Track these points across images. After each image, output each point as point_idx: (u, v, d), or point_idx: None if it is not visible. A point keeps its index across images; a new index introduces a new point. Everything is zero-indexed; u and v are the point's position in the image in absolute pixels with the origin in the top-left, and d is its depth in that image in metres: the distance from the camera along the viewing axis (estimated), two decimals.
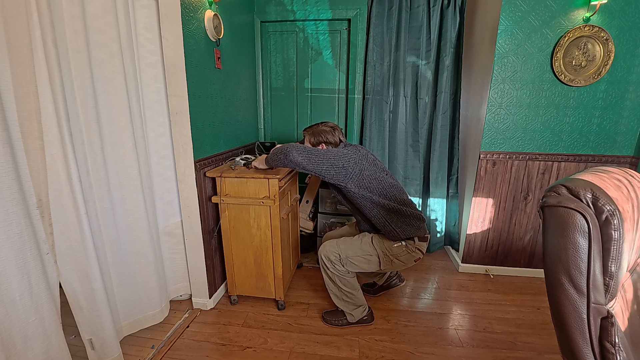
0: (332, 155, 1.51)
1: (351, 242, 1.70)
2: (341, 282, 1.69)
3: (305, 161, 1.46)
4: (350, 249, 1.67)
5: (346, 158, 1.52)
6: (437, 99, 2.39)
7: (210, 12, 1.73)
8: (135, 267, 1.59)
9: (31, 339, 1.11)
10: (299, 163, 1.47)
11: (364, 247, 1.66)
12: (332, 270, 1.67)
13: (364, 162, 1.56)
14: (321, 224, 2.42)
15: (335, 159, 1.50)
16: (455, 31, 2.28)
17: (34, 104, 1.09)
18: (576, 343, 0.63)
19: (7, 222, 1.01)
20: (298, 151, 1.47)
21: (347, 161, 1.51)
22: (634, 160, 2.08)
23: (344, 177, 1.51)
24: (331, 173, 1.50)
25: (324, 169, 1.48)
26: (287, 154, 1.47)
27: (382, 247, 1.63)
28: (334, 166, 1.49)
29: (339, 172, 1.50)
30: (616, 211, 0.59)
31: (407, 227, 1.58)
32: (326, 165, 1.48)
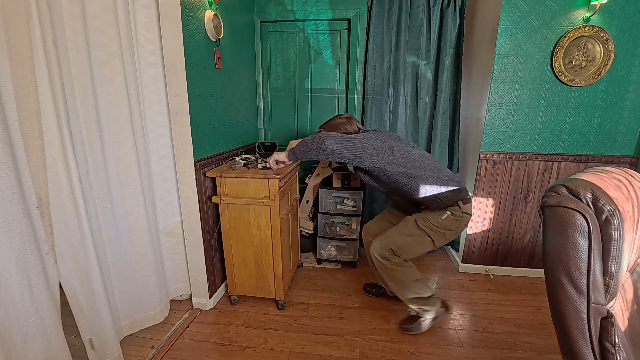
0: (360, 139, 1.49)
1: (397, 231, 1.68)
2: (404, 275, 1.67)
3: (340, 148, 1.43)
4: (399, 238, 1.65)
5: (373, 139, 1.51)
6: (437, 99, 2.38)
7: (210, 12, 1.73)
8: (135, 267, 1.59)
9: (31, 339, 1.11)
10: (334, 151, 1.43)
11: (411, 232, 1.64)
12: (391, 266, 1.65)
13: (389, 140, 1.55)
14: (321, 224, 2.42)
15: (365, 142, 1.48)
16: (455, 31, 2.28)
17: (34, 104, 1.09)
18: (576, 343, 0.63)
19: (7, 222, 1.01)
20: (332, 139, 1.44)
21: (375, 141, 1.50)
22: (634, 160, 2.08)
23: (377, 158, 1.49)
24: (364, 156, 1.47)
25: (358, 153, 1.46)
26: (320, 143, 1.44)
27: (428, 225, 1.61)
28: (366, 148, 1.47)
29: (371, 153, 1.48)
30: (616, 211, 0.59)
31: (449, 193, 1.56)
32: (359, 149, 1.46)
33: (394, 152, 1.52)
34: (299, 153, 1.53)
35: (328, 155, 1.45)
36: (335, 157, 1.46)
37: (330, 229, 2.43)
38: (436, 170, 1.58)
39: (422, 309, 1.70)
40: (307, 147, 1.48)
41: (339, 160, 1.50)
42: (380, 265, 1.69)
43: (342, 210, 2.40)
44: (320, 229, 2.43)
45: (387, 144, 1.52)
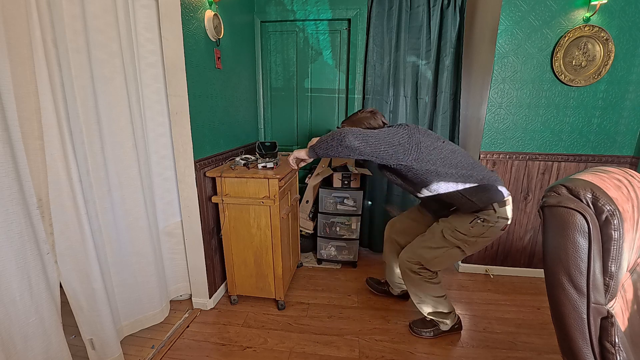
0: (384, 134, 1.37)
1: (423, 243, 1.60)
2: (429, 290, 1.63)
3: (362, 145, 1.32)
4: (426, 252, 1.58)
5: (399, 134, 1.38)
6: (437, 99, 2.38)
7: (210, 12, 1.73)
8: (135, 267, 1.59)
9: (31, 339, 1.11)
10: (356, 148, 1.32)
11: (438, 244, 1.55)
12: (419, 280, 1.61)
13: (417, 134, 1.41)
14: (321, 224, 2.42)
15: (389, 137, 1.36)
16: (455, 31, 2.28)
17: (34, 104, 1.09)
18: (576, 343, 0.63)
19: (7, 222, 1.01)
20: (354, 135, 1.32)
21: (401, 137, 1.37)
22: (634, 160, 2.08)
23: (403, 155, 1.36)
24: (389, 153, 1.35)
25: (382, 150, 1.34)
26: (341, 140, 1.32)
27: (457, 235, 1.50)
28: (391, 145, 1.35)
29: (397, 150, 1.35)
30: (616, 211, 0.59)
31: (483, 194, 1.42)
32: (384, 146, 1.34)
33: (421, 149, 1.38)
34: (319, 150, 1.43)
35: (349, 152, 1.33)
36: (358, 155, 1.34)
37: (330, 229, 2.43)
38: (469, 168, 1.43)
39: (442, 321, 1.69)
40: (327, 144, 1.38)
41: (362, 158, 1.40)
42: (407, 277, 1.65)
43: (342, 210, 2.40)
44: (320, 229, 2.43)
45: (415, 139, 1.38)
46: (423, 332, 1.71)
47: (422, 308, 1.70)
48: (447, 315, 1.68)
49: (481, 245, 1.53)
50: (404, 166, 1.41)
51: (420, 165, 1.39)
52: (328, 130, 2.67)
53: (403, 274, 1.67)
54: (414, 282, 1.64)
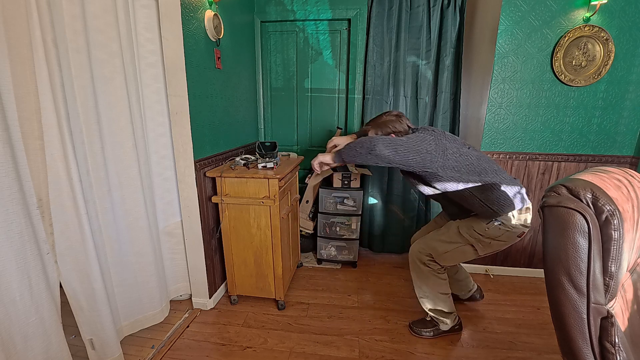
0: (413, 142, 1.35)
1: (437, 237, 1.60)
2: (435, 284, 1.62)
3: (392, 154, 1.31)
4: (439, 245, 1.57)
5: (426, 141, 1.36)
6: (437, 99, 2.38)
7: (210, 12, 1.73)
8: (135, 267, 1.59)
9: (31, 339, 1.11)
10: (386, 157, 1.31)
11: (452, 239, 1.55)
12: (426, 272, 1.60)
13: (443, 140, 1.39)
14: (321, 224, 2.42)
15: (417, 145, 1.34)
16: (455, 31, 2.28)
17: (34, 103, 1.09)
18: (576, 343, 0.63)
19: (7, 222, 1.01)
20: (384, 143, 1.32)
21: (428, 144, 1.36)
22: (634, 160, 2.08)
23: (430, 162, 1.35)
24: (417, 160, 1.34)
25: (410, 158, 1.33)
26: (371, 148, 1.32)
27: (472, 234, 1.49)
28: (419, 152, 1.33)
29: (425, 157, 1.34)
30: (616, 211, 0.59)
31: (504, 202, 1.40)
32: (412, 154, 1.33)
33: (447, 155, 1.37)
34: (346, 157, 1.43)
35: (378, 161, 1.33)
36: (386, 163, 1.35)
37: (330, 229, 2.43)
38: (493, 175, 1.42)
39: (442, 320, 1.68)
40: (355, 152, 1.38)
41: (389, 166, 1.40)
42: (415, 268, 1.65)
43: (342, 210, 2.40)
44: (320, 229, 2.43)
45: (442, 146, 1.37)
46: (423, 332, 1.70)
47: (424, 303, 1.69)
48: (448, 315, 1.68)
49: (495, 248, 1.51)
50: (429, 173, 1.40)
51: (445, 172, 1.39)
52: (329, 130, 2.67)
53: (412, 264, 1.67)
54: (422, 274, 1.63)
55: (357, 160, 1.40)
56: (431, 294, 1.66)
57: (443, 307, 1.66)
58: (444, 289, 1.65)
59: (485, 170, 1.42)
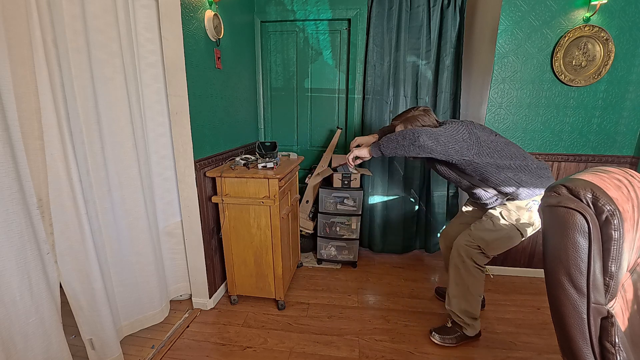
0: (450, 131, 1.41)
1: (483, 227, 1.58)
2: (474, 285, 1.59)
3: (434, 144, 1.36)
4: (487, 234, 1.55)
5: (460, 131, 1.42)
6: (437, 99, 2.38)
7: (210, 12, 1.73)
8: (135, 267, 1.59)
9: (31, 339, 1.11)
10: (429, 147, 1.36)
11: (498, 227, 1.54)
12: (472, 268, 1.57)
13: (475, 129, 1.45)
14: (321, 224, 2.42)
15: (454, 134, 1.40)
16: (455, 31, 2.28)
17: (34, 103, 1.09)
18: (576, 343, 0.63)
19: (7, 222, 1.01)
20: (427, 135, 1.37)
21: (463, 133, 1.41)
22: (634, 160, 2.08)
23: (467, 150, 1.41)
24: (456, 149, 1.39)
25: (450, 147, 1.38)
26: (414, 140, 1.37)
27: (515, 216, 1.51)
28: (458, 141, 1.39)
29: (462, 146, 1.40)
30: (616, 211, 0.59)
31: (537, 181, 1.45)
32: (452, 143, 1.38)
33: (481, 143, 1.43)
34: (386, 149, 1.46)
35: (420, 151, 1.38)
36: (428, 153, 1.39)
37: (330, 229, 2.43)
38: (522, 159, 1.48)
39: (469, 325, 1.64)
40: (397, 144, 1.42)
41: (429, 156, 1.44)
42: (460, 263, 1.59)
43: (342, 210, 2.40)
44: (320, 229, 2.43)
45: (475, 135, 1.43)
46: (446, 340, 1.65)
47: (456, 303, 1.63)
48: (475, 320, 1.63)
49: (537, 227, 1.52)
50: (466, 161, 1.44)
51: (481, 159, 1.43)
52: (329, 130, 2.67)
53: (457, 259, 1.61)
54: (467, 270, 1.58)
55: (397, 153, 1.43)
56: (467, 294, 1.60)
57: (474, 309, 1.62)
58: (480, 290, 1.62)
59: (515, 155, 1.47)
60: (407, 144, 1.39)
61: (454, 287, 1.64)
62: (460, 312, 1.63)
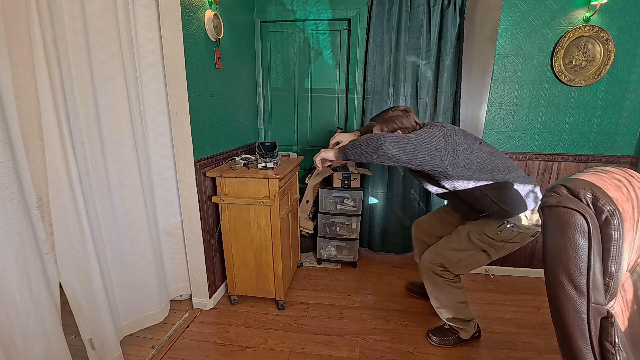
0: (422, 138, 1.27)
1: (448, 245, 1.55)
2: (451, 293, 1.57)
3: (400, 153, 1.23)
4: (451, 253, 1.52)
5: (436, 138, 1.28)
6: (437, 99, 2.38)
7: (210, 12, 1.73)
8: (135, 267, 1.59)
9: (31, 339, 1.11)
10: (393, 156, 1.23)
11: (464, 247, 1.49)
12: (440, 283, 1.56)
13: (454, 137, 1.31)
14: (321, 224, 2.42)
15: (427, 142, 1.26)
16: (455, 31, 2.28)
17: (34, 103, 1.09)
18: (576, 343, 0.63)
19: (7, 222, 1.01)
20: (392, 142, 1.23)
21: (437, 141, 1.27)
22: (634, 160, 2.08)
23: (439, 160, 1.27)
24: (426, 159, 1.26)
25: (419, 157, 1.25)
26: (378, 147, 1.23)
27: (484, 239, 1.44)
28: (429, 151, 1.25)
29: (434, 156, 1.26)
30: (616, 211, 0.59)
31: (517, 201, 1.34)
32: (421, 153, 1.24)
33: (458, 153, 1.29)
34: (350, 154, 1.34)
35: (385, 160, 1.25)
36: (393, 162, 1.26)
37: (330, 229, 2.43)
38: (506, 173, 1.35)
39: (462, 328, 1.63)
40: (361, 150, 1.29)
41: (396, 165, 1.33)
42: (429, 278, 1.60)
43: (342, 210, 2.40)
44: (320, 229, 2.43)
45: (452, 143, 1.29)
46: (443, 342, 1.64)
47: (442, 313, 1.63)
48: (467, 323, 1.62)
49: (508, 250, 1.47)
50: (439, 172, 1.33)
51: (456, 171, 1.31)
52: (329, 130, 2.67)
53: (425, 275, 1.61)
54: (436, 284, 1.58)
55: (362, 159, 1.32)
56: (448, 304, 1.59)
57: (462, 315, 1.60)
58: (460, 298, 1.59)
59: (498, 168, 1.34)
60: (370, 151, 1.26)
61: (433, 299, 1.64)
62: (449, 320, 1.63)
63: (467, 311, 1.62)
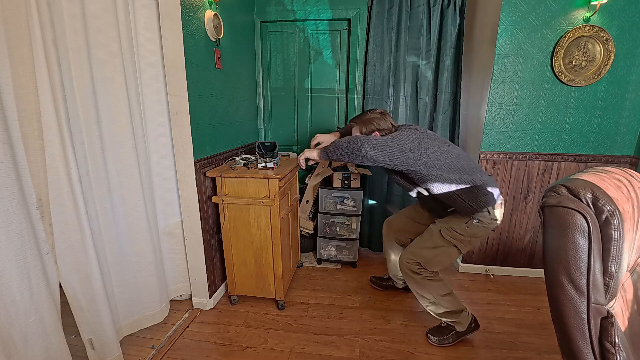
0: (398, 141, 1.38)
1: (422, 244, 1.64)
2: (434, 288, 1.63)
3: (378, 154, 1.35)
4: (426, 252, 1.62)
5: (410, 140, 1.39)
6: (438, 99, 2.38)
7: (210, 12, 1.73)
8: (135, 267, 1.59)
9: (31, 339, 1.11)
10: (371, 157, 1.35)
11: (437, 244, 1.60)
12: (421, 280, 1.62)
13: (426, 139, 1.43)
14: (321, 224, 2.42)
15: (402, 144, 1.38)
16: (455, 31, 2.28)
17: (34, 104, 1.09)
18: (576, 343, 0.63)
19: (7, 222, 1.01)
20: (370, 144, 1.35)
21: (411, 143, 1.39)
22: (634, 160, 2.08)
23: (413, 161, 1.39)
24: (401, 160, 1.38)
25: (395, 158, 1.36)
26: (357, 149, 1.35)
27: (454, 235, 1.56)
28: (403, 152, 1.37)
29: (408, 156, 1.38)
30: (616, 211, 0.59)
31: (481, 198, 1.47)
32: (397, 154, 1.36)
33: (429, 154, 1.41)
34: (332, 154, 1.46)
35: (364, 160, 1.37)
36: (371, 163, 1.38)
37: (330, 229, 2.43)
38: (471, 173, 1.48)
39: (457, 322, 1.65)
40: (342, 151, 1.41)
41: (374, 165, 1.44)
42: (409, 278, 1.66)
43: (342, 210, 2.40)
44: (320, 229, 2.43)
45: (424, 145, 1.41)
46: (443, 341, 1.65)
47: (433, 311, 1.67)
48: (459, 315, 1.64)
49: (474, 245, 1.62)
50: (412, 171, 1.44)
51: (428, 171, 1.43)
52: (328, 130, 2.67)
53: (405, 275, 1.68)
54: (417, 282, 1.64)
55: (342, 159, 1.43)
56: (435, 299, 1.64)
57: (449, 307, 1.64)
58: (443, 290, 1.64)
59: (464, 168, 1.47)
60: (350, 152, 1.38)
61: (420, 298, 1.69)
62: (441, 316, 1.66)
63: (456, 302, 1.66)
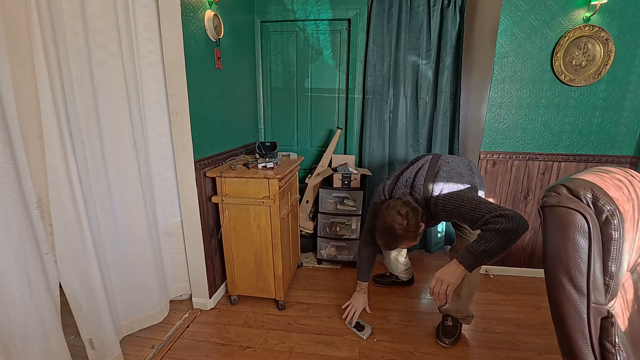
0: (465, 192, 1.36)
1: (460, 291, 1.61)
2: (473, 283, 1.64)
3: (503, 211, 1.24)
4: (465, 292, 1.63)
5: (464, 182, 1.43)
6: (438, 98, 2.38)
7: (210, 12, 1.73)
8: (135, 267, 1.59)
9: (31, 339, 1.11)
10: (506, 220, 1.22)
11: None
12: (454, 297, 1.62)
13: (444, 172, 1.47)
14: (321, 224, 2.42)
15: (470, 192, 1.38)
16: (455, 31, 2.28)
17: (34, 104, 1.09)
18: (576, 343, 0.63)
19: (7, 222, 1.01)
20: (493, 217, 1.23)
21: (466, 183, 1.44)
22: (634, 160, 2.07)
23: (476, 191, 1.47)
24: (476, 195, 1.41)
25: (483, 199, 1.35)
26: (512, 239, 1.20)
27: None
28: (470, 187, 1.42)
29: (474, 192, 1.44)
30: (616, 211, 0.59)
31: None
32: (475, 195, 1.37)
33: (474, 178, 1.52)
34: (483, 261, 1.30)
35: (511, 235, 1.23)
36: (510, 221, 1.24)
37: (330, 229, 2.43)
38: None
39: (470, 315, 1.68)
40: (494, 252, 1.26)
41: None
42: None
43: (342, 210, 2.39)
44: (320, 229, 2.43)
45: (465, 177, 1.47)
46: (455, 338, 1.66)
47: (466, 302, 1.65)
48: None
49: None
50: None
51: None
52: (329, 130, 2.67)
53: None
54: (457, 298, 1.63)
55: (496, 257, 1.28)
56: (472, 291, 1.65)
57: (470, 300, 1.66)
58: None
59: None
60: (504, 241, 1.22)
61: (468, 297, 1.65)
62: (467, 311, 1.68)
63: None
